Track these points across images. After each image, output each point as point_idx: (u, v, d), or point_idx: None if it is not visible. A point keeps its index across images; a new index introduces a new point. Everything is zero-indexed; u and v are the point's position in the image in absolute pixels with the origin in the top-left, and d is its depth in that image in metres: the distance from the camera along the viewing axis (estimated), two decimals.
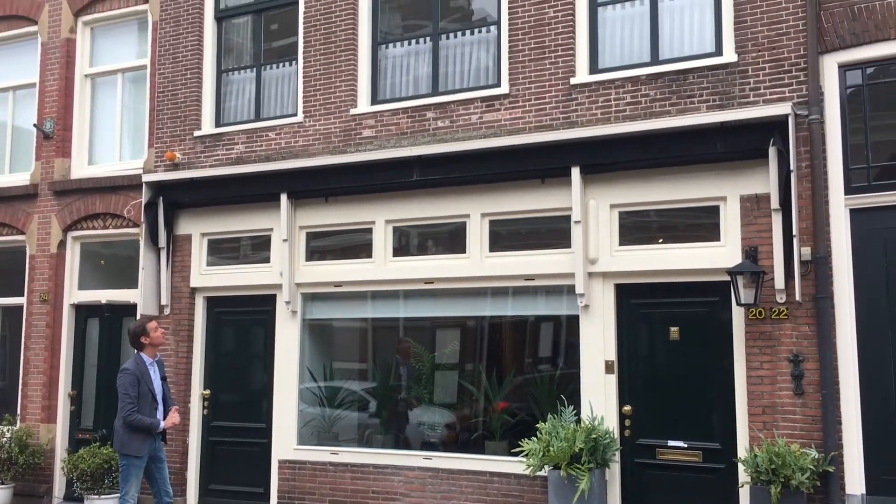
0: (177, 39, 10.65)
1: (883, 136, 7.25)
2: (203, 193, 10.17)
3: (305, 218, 9.73)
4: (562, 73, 8.53)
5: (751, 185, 7.58)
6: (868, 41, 7.19)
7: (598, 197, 8.25)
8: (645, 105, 8.11)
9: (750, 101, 7.63)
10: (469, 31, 9.30)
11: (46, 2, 11.56)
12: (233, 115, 10.55)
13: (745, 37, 7.73)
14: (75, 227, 11.09)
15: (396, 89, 9.64)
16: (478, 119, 8.88)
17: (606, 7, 8.58)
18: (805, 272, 7.22)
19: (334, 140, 9.59)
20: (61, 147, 11.26)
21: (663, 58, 8.25)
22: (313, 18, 9.88)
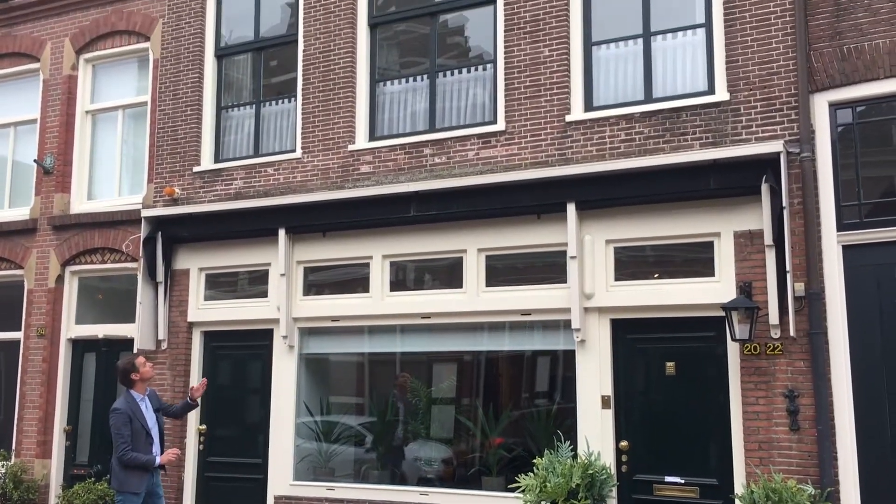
0: (177, 77, 10.79)
1: (874, 173, 7.36)
2: (202, 228, 10.24)
3: (303, 253, 9.79)
4: (557, 110, 8.66)
5: (744, 221, 7.66)
6: (857, 80, 7.32)
7: (594, 232, 8.32)
8: (639, 142, 8.22)
9: (742, 138, 7.75)
10: (466, 69, 9.45)
11: (49, 40, 11.73)
12: (232, 150, 10.66)
13: (736, 76, 7.87)
14: (74, 261, 11.14)
15: (394, 126, 9.76)
16: (474, 155, 8.99)
17: (600, 46, 8.73)
18: (799, 308, 7.28)
19: (332, 176, 9.69)
20: (61, 182, 11.35)
21: (657, 96, 8.39)
22: (312, 56, 10.03)
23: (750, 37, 7.85)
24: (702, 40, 8.27)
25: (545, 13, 8.83)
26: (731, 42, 7.94)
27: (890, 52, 7.21)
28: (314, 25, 10.05)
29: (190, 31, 10.81)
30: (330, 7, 9.99)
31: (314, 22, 10.06)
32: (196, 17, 10.81)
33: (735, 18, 7.94)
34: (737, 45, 7.90)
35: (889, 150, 7.45)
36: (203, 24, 10.80)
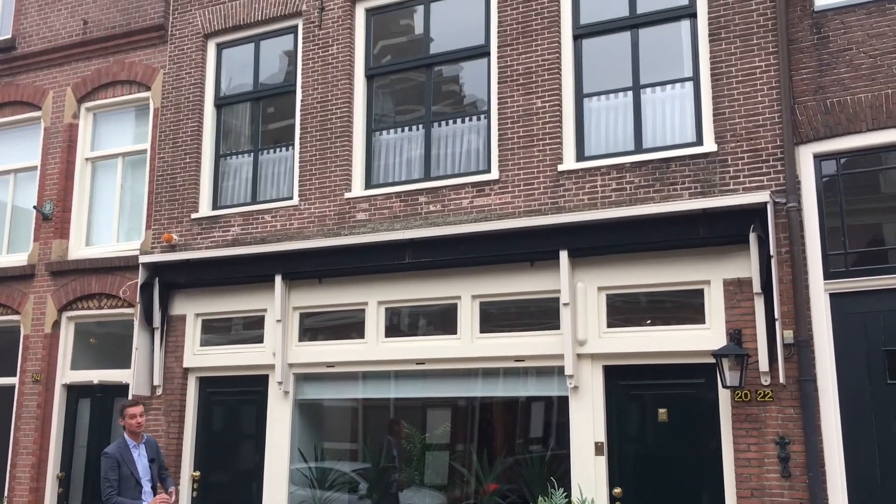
0: (177, 125, 10.99)
1: (859, 223, 7.54)
2: (199, 274, 10.34)
3: (299, 299, 9.89)
4: (549, 160, 8.84)
5: (733, 269, 7.81)
6: (841, 133, 7.54)
7: (586, 280, 8.45)
8: (630, 191, 8.40)
9: (730, 188, 7.93)
10: (460, 119, 9.66)
11: (51, 89, 11.94)
12: (230, 197, 10.82)
13: (723, 128, 8.08)
14: (70, 307, 11.21)
15: (390, 174, 9.93)
16: (469, 203, 9.15)
17: (592, 98, 8.95)
18: (788, 355, 7.39)
19: (329, 223, 9.83)
20: (60, 228, 11.47)
21: (646, 146, 8.59)
22: (310, 106, 10.24)
23: (736, 90, 8.08)
24: (690, 93, 8.50)
25: (537, 66, 9.07)
26: (718, 95, 8.17)
27: (872, 106, 7.43)
28: (312, 76, 10.28)
29: (190, 82, 11.04)
30: (328, 59, 10.23)
31: (312, 73, 10.29)
32: (196, 67, 11.05)
33: (721, 73, 8.17)
34: (724, 98, 8.13)
35: (873, 200, 7.64)
36: (203, 75, 11.04)
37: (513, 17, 9.28)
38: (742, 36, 8.13)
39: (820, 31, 7.76)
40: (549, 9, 9.11)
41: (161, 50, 11.31)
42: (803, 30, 7.84)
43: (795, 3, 7.92)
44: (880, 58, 7.47)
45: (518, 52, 9.19)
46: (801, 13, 7.88)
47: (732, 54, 8.15)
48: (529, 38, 9.15)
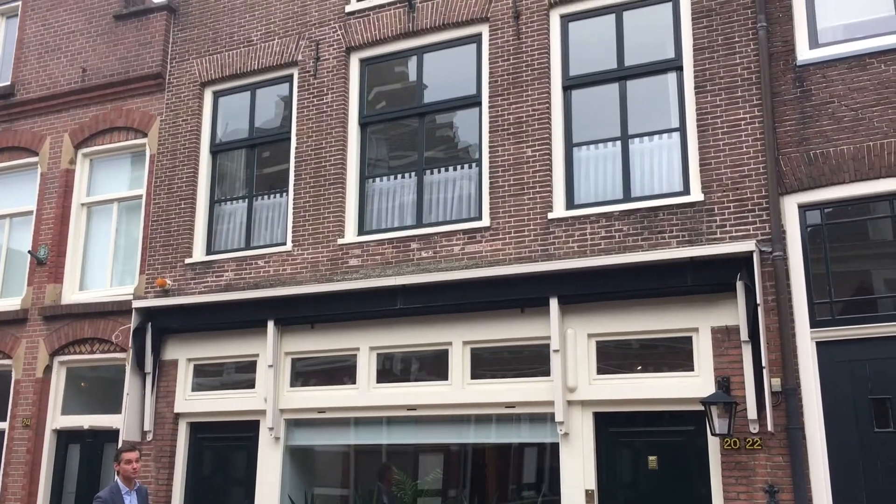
0: (173, 171, 11.12)
1: (844, 272, 7.65)
2: (191, 319, 10.38)
3: (291, 344, 9.93)
4: (540, 208, 8.98)
5: (721, 317, 7.90)
6: (824, 184, 7.69)
7: (576, 326, 8.52)
8: (619, 239, 8.52)
9: (717, 237, 8.06)
10: (452, 167, 9.81)
11: (49, 135, 12.09)
12: (224, 242, 10.91)
13: (710, 178, 8.24)
14: (62, 351, 11.21)
15: (382, 220, 10.05)
16: (460, 250, 9.25)
17: (581, 147, 9.12)
18: (776, 403, 7.44)
19: (321, 269, 9.91)
20: (54, 273, 11.52)
21: (635, 195, 8.73)
22: (304, 153, 10.39)
23: (722, 141, 8.26)
24: (677, 143, 8.67)
25: (528, 116, 9.25)
26: (704, 145, 8.34)
27: (854, 158, 7.60)
28: (307, 124, 10.45)
29: (186, 129, 11.20)
30: (322, 107, 10.41)
31: (307, 120, 10.46)
32: (193, 115, 11.22)
33: (707, 124, 8.36)
34: (710, 149, 8.30)
35: (858, 249, 7.77)
36: (199, 122, 11.21)
37: (504, 68, 9.49)
38: (727, 88, 8.34)
39: (802, 84, 7.96)
40: (539, 61, 9.32)
41: (158, 97, 11.49)
42: (786, 83, 8.04)
43: (778, 57, 8.13)
44: (861, 111, 7.66)
45: (509, 102, 9.38)
46: (784, 67, 8.09)
47: (718, 106, 8.35)
48: (520, 88, 9.35)
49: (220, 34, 11.31)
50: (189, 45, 11.49)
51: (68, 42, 12.23)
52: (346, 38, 10.46)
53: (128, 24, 11.84)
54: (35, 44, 12.50)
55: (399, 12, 10.20)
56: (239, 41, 11.14)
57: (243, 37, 11.13)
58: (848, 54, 7.83)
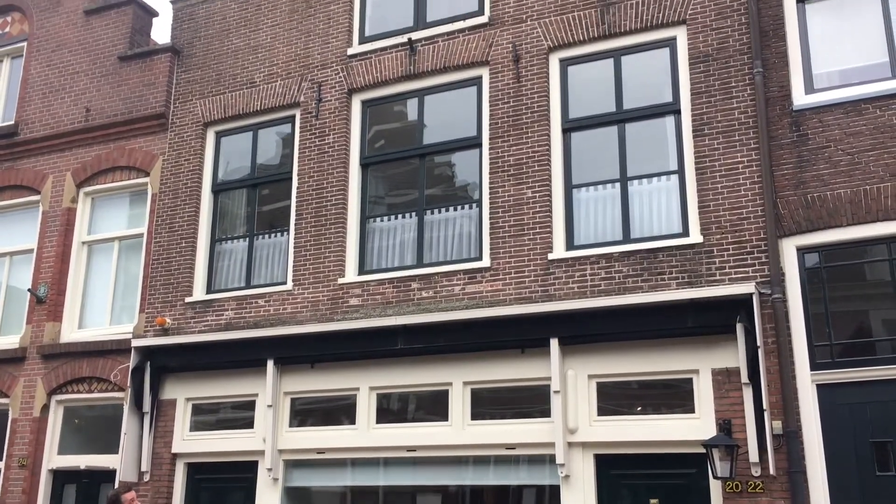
0: (174, 210, 11.18)
1: (843, 315, 7.69)
2: (191, 358, 10.36)
3: (291, 384, 9.90)
4: (540, 248, 9.03)
5: (721, 359, 7.92)
6: (822, 227, 7.77)
7: (577, 367, 8.53)
8: (618, 280, 8.56)
9: (716, 279, 8.11)
10: (453, 207, 9.87)
11: (51, 173, 12.16)
12: (224, 281, 10.93)
13: (709, 220, 8.31)
14: (60, 390, 11.16)
15: (383, 260, 10.09)
16: (460, 290, 9.29)
17: (580, 189, 9.20)
18: (777, 446, 7.43)
19: (322, 308, 9.93)
20: (53, 311, 11.51)
21: (634, 237, 8.80)
22: (306, 193, 10.46)
23: (720, 184, 8.35)
24: (675, 185, 8.76)
25: (528, 157, 9.35)
26: (702, 188, 8.43)
27: (851, 202, 7.68)
28: (308, 164, 10.54)
29: (188, 168, 11.29)
30: (324, 147, 10.52)
31: (308, 161, 10.55)
32: (195, 154, 11.31)
33: (706, 167, 8.46)
34: (708, 191, 8.39)
35: (856, 292, 7.82)
36: (201, 162, 11.30)
37: (504, 110, 9.61)
38: (724, 132, 8.45)
39: (799, 128, 8.08)
40: (538, 103, 9.45)
41: (161, 137, 11.59)
42: (783, 127, 8.16)
43: (775, 102, 8.26)
44: (858, 155, 7.76)
45: (509, 143, 9.48)
46: (781, 111, 8.22)
47: (716, 149, 8.45)
48: (520, 130, 9.46)
49: (223, 75, 11.46)
50: (192, 85, 11.63)
51: (72, 82, 12.36)
52: (347, 80, 10.60)
53: (132, 66, 11.98)
54: (39, 84, 12.63)
55: (401, 55, 10.35)
56: (242, 82, 11.28)
57: (246, 78, 11.27)
58: (843, 100, 7.96)
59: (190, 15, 11.97)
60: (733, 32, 8.64)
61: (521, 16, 9.79)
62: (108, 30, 12.33)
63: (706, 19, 8.82)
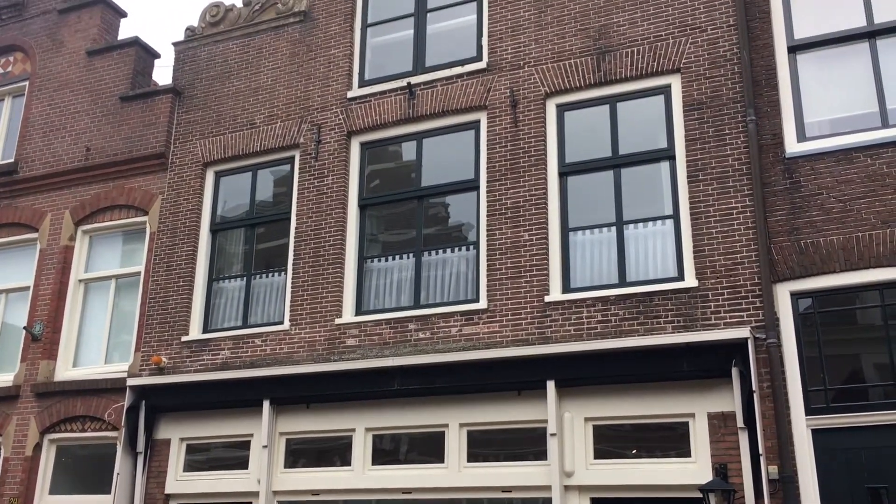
0: (172, 249, 11.24)
1: (837, 359, 7.77)
2: (186, 398, 10.34)
3: (286, 424, 9.88)
4: (537, 291, 9.11)
5: (717, 403, 7.97)
6: (816, 273, 7.88)
7: (573, 410, 8.56)
8: (615, 323, 8.63)
9: (711, 323, 8.19)
10: (450, 249, 9.96)
11: (49, 211, 12.21)
12: (221, 320, 10.94)
13: (703, 264, 8.41)
14: (53, 429, 11.09)
15: (380, 301, 10.14)
16: (457, 332, 9.33)
17: (577, 232, 9.31)
18: (773, 491, 7.45)
19: (319, 348, 9.95)
20: (48, 349, 11.49)
21: (630, 280, 8.89)
22: (304, 234, 10.54)
23: (715, 229, 8.47)
24: (671, 230, 8.88)
25: (525, 200, 9.47)
26: (697, 233, 8.55)
27: (844, 248, 7.81)
28: (307, 205, 10.63)
29: (187, 207, 11.36)
30: (322, 188, 10.62)
31: (307, 202, 10.65)
32: (194, 194, 11.40)
33: (700, 212, 8.59)
34: (703, 236, 8.51)
35: (849, 338, 7.91)
36: (200, 201, 11.38)
37: (501, 154, 9.75)
38: (719, 178, 8.60)
39: (792, 176, 8.23)
40: (535, 147, 9.60)
41: (160, 177, 11.68)
42: (776, 174, 8.31)
43: (768, 149, 8.42)
44: (849, 203, 7.91)
45: (506, 186, 9.61)
46: (774, 159, 8.38)
47: (710, 195, 8.59)
48: (517, 174, 9.59)
49: (223, 116, 11.60)
50: (193, 126, 11.76)
51: (73, 121, 12.47)
52: (347, 123, 10.75)
53: (133, 106, 12.12)
54: (40, 123, 12.74)
55: (400, 99, 10.52)
56: (242, 123, 11.42)
57: (247, 119, 11.41)
58: (835, 148, 8.12)
59: (192, 57, 12.15)
60: (726, 81, 8.84)
61: (519, 62, 9.98)
62: (110, 70, 12.48)
63: (700, 68, 9.02)
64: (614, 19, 9.60)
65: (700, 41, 9.10)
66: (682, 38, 9.18)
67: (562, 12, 9.91)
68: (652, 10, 9.44)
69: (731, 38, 8.94)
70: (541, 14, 10.02)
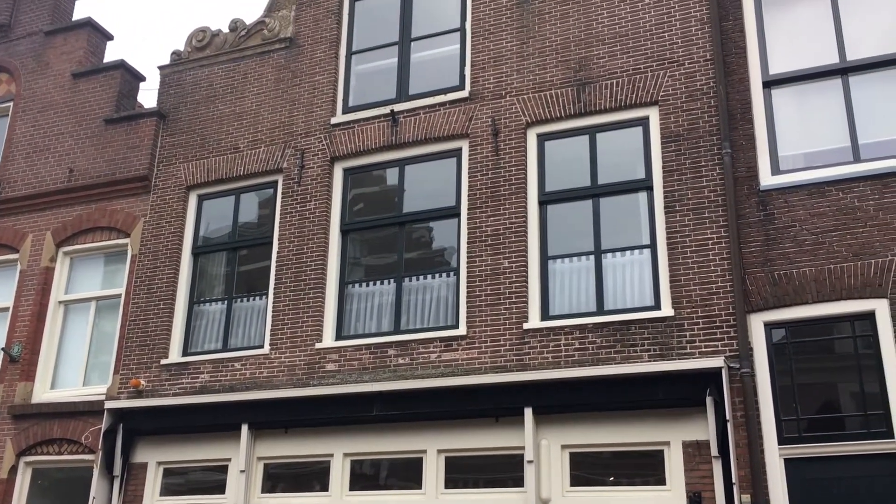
0: (154, 272, 11.24)
1: (809, 390, 7.88)
2: (164, 421, 10.31)
3: (264, 449, 9.87)
4: (516, 318, 9.19)
5: (692, 431, 8.05)
6: (789, 304, 8.01)
7: (550, 437, 8.62)
8: (592, 351, 8.72)
9: (687, 352, 8.29)
10: (430, 275, 10.04)
11: (31, 232, 12.19)
12: (201, 344, 10.94)
13: (680, 294, 8.54)
14: (30, 451, 11.01)
15: (361, 326, 10.19)
16: (437, 357, 9.39)
17: (556, 260, 9.42)
18: None
19: (298, 373, 9.97)
20: (26, 371, 11.43)
21: (608, 308, 8.99)
22: (286, 258, 10.59)
23: (690, 259, 8.60)
24: (648, 259, 9.00)
25: (505, 228, 9.58)
26: (673, 262, 8.68)
27: (816, 280, 7.95)
28: (289, 229, 10.69)
29: (169, 230, 11.39)
30: (305, 213, 10.69)
31: (289, 226, 10.71)
32: (177, 217, 11.43)
33: (677, 242, 8.72)
34: (679, 266, 8.63)
35: (822, 368, 8.03)
36: (182, 224, 11.41)
37: (482, 182, 9.87)
38: (695, 209, 8.74)
39: (766, 208, 8.39)
40: (516, 176, 9.72)
41: (143, 199, 11.71)
42: (751, 206, 8.47)
43: (743, 181, 8.59)
44: (821, 235, 8.06)
45: (487, 214, 9.71)
46: (749, 191, 8.53)
47: (686, 226, 8.73)
48: (498, 202, 9.70)
49: (207, 140, 11.66)
50: (177, 149, 11.82)
51: (57, 143, 12.50)
52: (330, 149, 10.85)
53: (117, 128, 12.16)
54: (24, 144, 12.75)
55: (383, 125, 10.64)
56: (226, 147, 11.49)
57: (231, 143, 11.49)
58: (808, 182, 8.29)
59: (177, 80, 12.23)
60: (703, 114, 9.02)
61: (501, 91, 10.14)
62: (95, 93, 12.53)
63: (677, 101, 9.20)
64: (594, 52, 9.78)
65: (678, 75, 9.28)
66: (660, 72, 9.37)
67: (543, 44, 10.09)
68: (631, 43, 9.63)
69: (707, 73, 9.13)
70: (523, 45, 10.20)
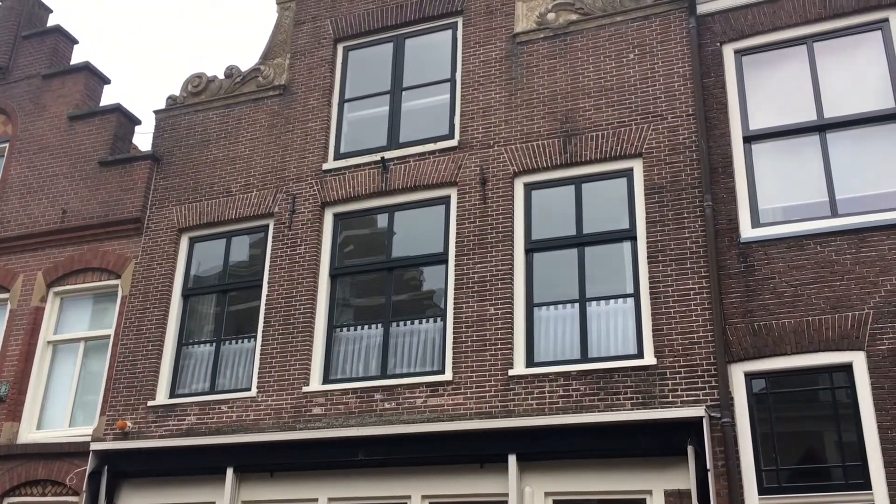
0: (143, 313, 11.32)
1: (789, 440, 7.99)
2: (150, 464, 10.30)
3: (249, 493, 9.87)
4: (501, 364, 9.29)
5: (673, 480, 8.13)
6: (768, 354, 8.16)
7: (534, 484, 8.67)
8: (576, 398, 8.82)
9: (669, 401, 8.40)
10: (418, 321, 10.15)
11: (21, 272, 12.27)
12: (188, 385, 10.98)
13: (662, 343, 8.67)
14: (13, 492, 10.97)
15: (348, 370, 10.27)
16: (422, 403, 9.46)
17: (541, 308, 9.56)
18: None
19: (285, 416, 10.01)
20: (12, 411, 11.42)
21: (592, 356, 9.11)
22: (275, 301, 10.70)
23: (673, 308, 8.76)
24: (631, 308, 9.15)
25: (492, 275, 9.73)
26: (656, 312, 8.83)
27: (795, 331, 8.11)
28: (279, 273, 10.81)
29: (160, 272, 11.49)
30: (295, 257, 10.82)
31: (279, 270, 10.83)
32: (168, 259, 11.55)
33: (659, 291, 8.88)
34: (661, 315, 8.78)
35: (801, 418, 8.15)
36: (174, 266, 11.53)
37: (470, 229, 10.04)
38: (677, 260, 8.92)
39: (746, 260, 8.57)
40: (503, 224, 9.90)
41: (135, 241, 11.83)
42: (731, 258, 8.66)
43: (724, 233, 8.78)
44: (800, 288, 8.24)
45: (474, 261, 9.87)
46: (729, 243, 8.73)
47: (669, 276, 8.90)
48: (485, 249, 9.87)
49: (200, 183, 11.83)
50: (170, 192, 11.98)
51: (51, 184, 12.64)
52: (321, 194, 11.02)
53: (112, 171, 12.32)
54: (18, 185, 12.89)
55: (373, 172, 10.84)
56: (218, 191, 11.66)
57: (223, 187, 11.66)
58: (787, 235, 8.50)
59: (172, 125, 12.44)
60: (685, 167, 9.25)
61: (489, 141, 10.37)
62: (90, 135, 12.72)
63: (661, 154, 9.44)
64: (581, 104, 10.04)
65: (661, 128, 9.54)
66: (644, 125, 9.62)
67: (531, 96, 10.35)
68: (616, 97, 9.90)
69: (690, 127, 9.39)
70: (511, 97, 10.46)
